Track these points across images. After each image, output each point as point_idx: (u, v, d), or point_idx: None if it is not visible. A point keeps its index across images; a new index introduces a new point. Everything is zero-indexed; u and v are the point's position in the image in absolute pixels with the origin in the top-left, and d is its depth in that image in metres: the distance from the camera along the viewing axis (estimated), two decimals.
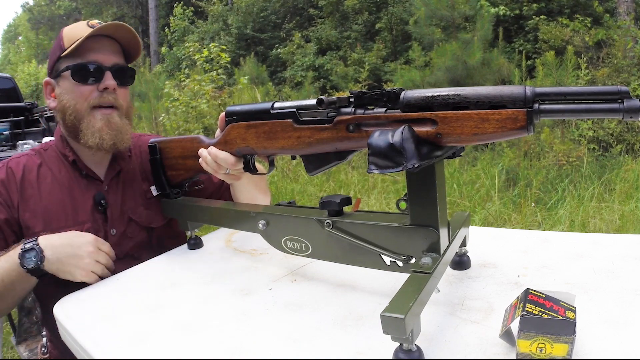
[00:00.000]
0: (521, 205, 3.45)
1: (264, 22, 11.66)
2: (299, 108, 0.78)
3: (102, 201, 1.08)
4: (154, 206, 1.15)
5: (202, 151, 0.96)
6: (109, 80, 1.04)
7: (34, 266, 0.89)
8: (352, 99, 0.71)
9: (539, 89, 0.57)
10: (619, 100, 0.53)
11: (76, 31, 1.04)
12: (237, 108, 0.89)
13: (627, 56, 5.62)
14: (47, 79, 1.10)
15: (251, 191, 1.16)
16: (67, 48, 1.02)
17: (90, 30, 1.02)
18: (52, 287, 0.92)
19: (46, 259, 0.90)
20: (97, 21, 1.06)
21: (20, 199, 1.03)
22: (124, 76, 1.09)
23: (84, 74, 1.03)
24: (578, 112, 0.55)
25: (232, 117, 0.89)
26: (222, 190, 1.24)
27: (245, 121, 0.86)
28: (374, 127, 0.68)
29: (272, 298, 0.81)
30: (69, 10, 19.96)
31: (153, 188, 1.15)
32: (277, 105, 0.82)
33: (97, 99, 1.04)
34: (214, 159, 0.92)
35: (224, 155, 0.91)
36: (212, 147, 0.93)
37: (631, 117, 0.52)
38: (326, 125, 0.74)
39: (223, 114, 0.92)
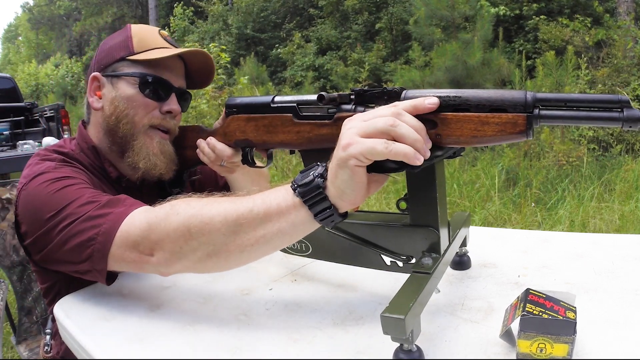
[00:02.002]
0: (521, 205, 3.45)
1: (264, 22, 11.67)
2: (299, 103, 0.78)
3: None
4: None
5: (201, 142, 0.95)
6: (174, 104, 0.97)
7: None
8: (353, 96, 0.71)
9: (539, 95, 0.57)
10: (619, 110, 0.53)
11: (149, 37, 0.97)
12: (238, 100, 0.89)
13: (627, 56, 5.63)
14: (96, 73, 0.97)
15: (248, 188, 1.16)
16: (138, 52, 0.95)
17: (163, 41, 0.97)
18: (63, 284, 0.92)
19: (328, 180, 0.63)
20: (167, 33, 1.01)
21: None
22: (184, 102, 1.02)
23: (154, 88, 0.95)
24: (578, 119, 0.55)
25: (232, 110, 0.89)
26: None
27: (246, 114, 0.86)
28: None
29: (272, 298, 0.81)
30: (69, 10, 19.97)
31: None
32: (277, 99, 0.82)
33: (159, 119, 0.96)
34: (211, 148, 0.93)
35: (221, 147, 0.92)
36: (211, 137, 0.93)
37: (630, 127, 0.53)
38: (326, 121, 0.74)
39: None
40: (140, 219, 0.74)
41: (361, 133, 0.59)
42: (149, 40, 0.96)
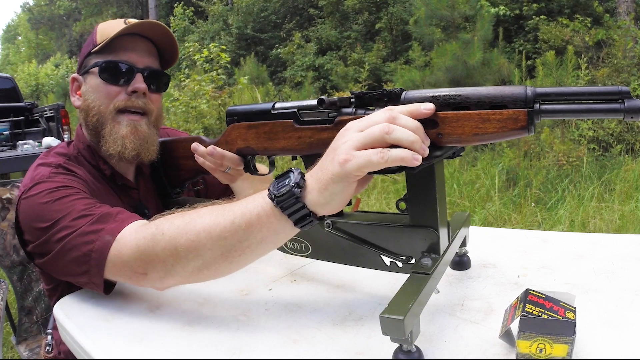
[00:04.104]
0: (521, 205, 3.45)
1: (264, 22, 11.67)
2: (299, 108, 0.78)
3: (146, 211, 1.02)
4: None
5: (199, 147, 0.93)
6: (139, 83, 0.95)
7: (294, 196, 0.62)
8: (353, 99, 0.71)
9: (539, 89, 0.57)
10: (620, 101, 0.53)
11: (111, 27, 0.96)
12: (238, 108, 0.89)
13: (627, 56, 5.62)
14: (75, 74, 1.02)
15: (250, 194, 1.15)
16: (99, 44, 0.95)
17: (124, 27, 0.95)
18: (66, 286, 0.92)
19: (307, 185, 0.64)
20: (135, 20, 0.99)
21: None
22: (157, 81, 1.01)
23: (113, 72, 0.95)
24: (579, 112, 0.55)
25: (233, 117, 0.89)
26: (227, 195, 1.22)
27: (246, 121, 0.86)
28: None
29: (271, 298, 0.81)
30: (69, 10, 19.98)
31: None
32: (277, 105, 0.82)
33: (124, 101, 0.96)
34: (219, 157, 0.91)
35: (230, 155, 0.91)
36: (214, 146, 0.92)
37: (632, 118, 0.53)
38: (327, 125, 0.74)
39: None
40: (130, 240, 0.75)
41: (357, 145, 0.59)
42: (110, 29, 0.96)
